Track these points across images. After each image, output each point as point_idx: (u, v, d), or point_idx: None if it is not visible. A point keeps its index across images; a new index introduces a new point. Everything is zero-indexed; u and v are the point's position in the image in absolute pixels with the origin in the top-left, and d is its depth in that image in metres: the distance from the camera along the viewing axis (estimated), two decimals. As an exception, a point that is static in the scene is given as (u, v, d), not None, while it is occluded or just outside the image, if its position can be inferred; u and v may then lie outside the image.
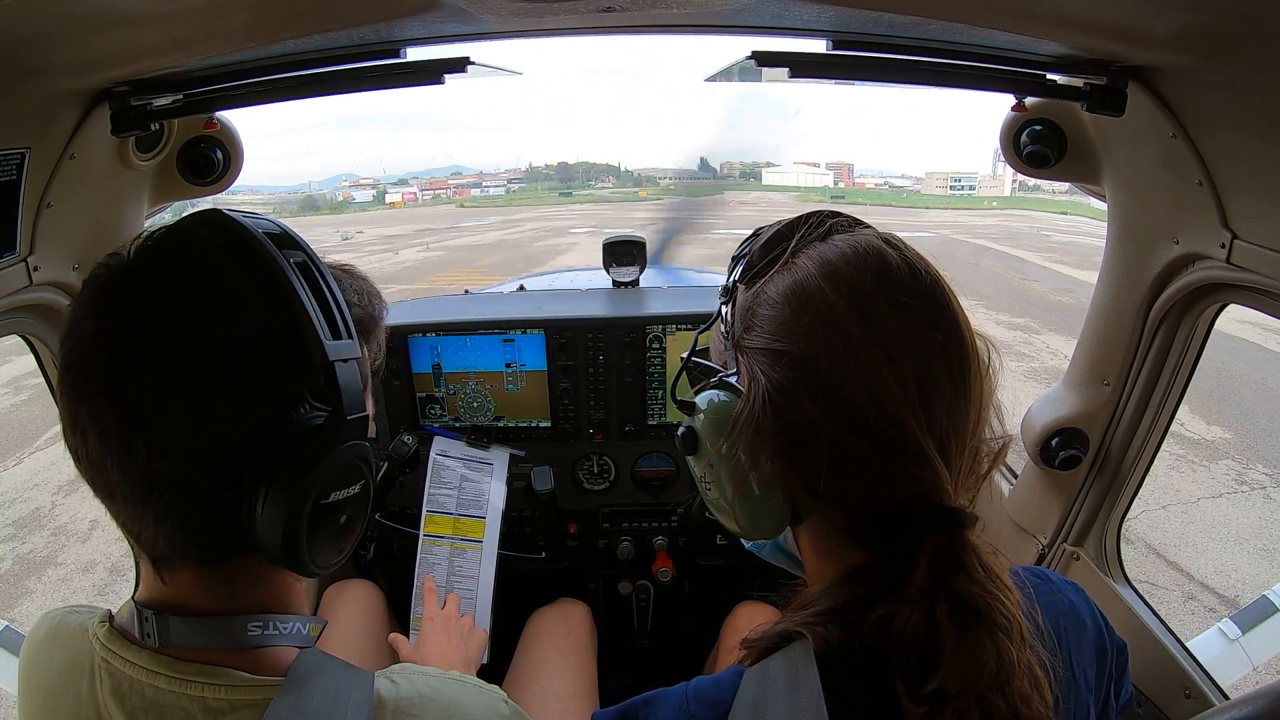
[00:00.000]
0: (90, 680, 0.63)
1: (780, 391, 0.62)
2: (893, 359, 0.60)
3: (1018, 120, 1.20)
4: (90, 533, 4.58)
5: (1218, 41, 0.80)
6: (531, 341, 1.73)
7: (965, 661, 0.56)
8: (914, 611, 0.58)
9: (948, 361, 0.62)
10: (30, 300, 1.10)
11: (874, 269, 0.63)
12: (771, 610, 1.57)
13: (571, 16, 0.96)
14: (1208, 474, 5.12)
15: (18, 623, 1.65)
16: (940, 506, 0.60)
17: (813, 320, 0.63)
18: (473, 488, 1.66)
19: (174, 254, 0.60)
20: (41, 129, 1.00)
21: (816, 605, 0.63)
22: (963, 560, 0.60)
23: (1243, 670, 1.60)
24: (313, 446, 0.59)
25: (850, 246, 0.65)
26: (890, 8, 0.84)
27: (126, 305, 0.57)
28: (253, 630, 0.63)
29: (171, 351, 0.56)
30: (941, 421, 0.61)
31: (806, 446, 0.61)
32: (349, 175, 57.72)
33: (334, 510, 0.62)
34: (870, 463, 0.61)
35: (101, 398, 0.56)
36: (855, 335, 0.61)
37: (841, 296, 0.62)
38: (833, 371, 0.61)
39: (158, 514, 0.58)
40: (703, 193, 50.59)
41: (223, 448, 0.57)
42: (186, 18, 0.84)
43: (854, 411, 0.60)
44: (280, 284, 0.59)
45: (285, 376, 0.59)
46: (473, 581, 1.55)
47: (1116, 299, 1.19)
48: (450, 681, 0.68)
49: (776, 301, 0.65)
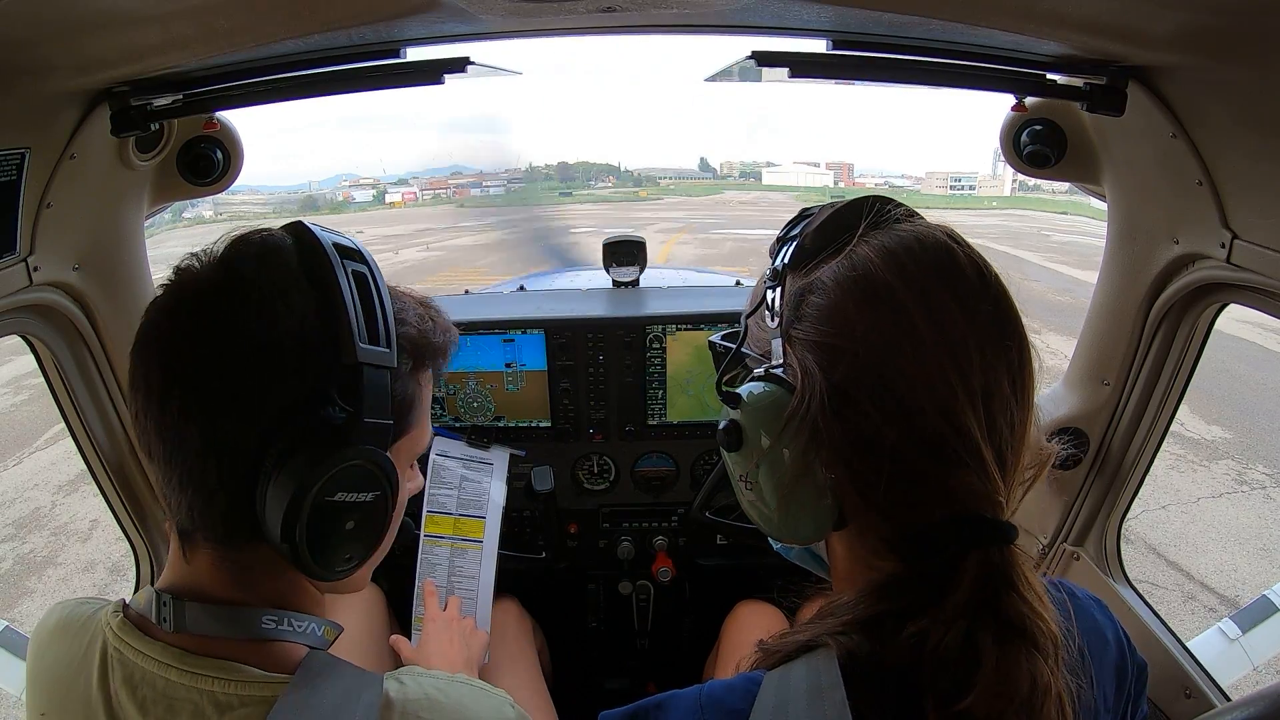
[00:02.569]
0: (102, 670, 0.64)
1: (839, 393, 0.58)
2: (962, 368, 0.57)
3: (1018, 120, 1.20)
4: (90, 533, 4.57)
5: (1218, 41, 0.80)
6: (531, 341, 1.73)
7: (1001, 683, 0.54)
8: (951, 629, 0.55)
9: (1011, 370, 0.59)
10: (30, 300, 1.10)
11: (943, 266, 0.60)
12: (772, 609, 1.59)
13: (571, 16, 0.96)
14: (1208, 474, 5.12)
15: (18, 623, 1.65)
16: (992, 520, 0.58)
17: (880, 318, 0.59)
18: (473, 488, 1.66)
19: (248, 245, 0.65)
20: (41, 129, 1.00)
21: (845, 615, 0.60)
22: (1010, 577, 0.57)
23: (1243, 670, 1.60)
24: (324, 442, 0.60)
25: (915, 239, 0.61)
26: (890, 8, 0.84)
27: (197, 284, 0.63)
28: (267, 623, 0.64)
29: (217, 329, 0.60)
30: (1003, 431, 0.58)
31: (866, 453, 0.58)
32: (349, 175, 57.67)
33: (339, 512, 0.62)
34: (931, 474, 0.58)
35: (158, 360, 0.61)
36: (927, 340, 0.57)
37: (911, 294, 0.58)
38: (901, 378, 0.57)
39: (182, 478, 0.61)
40: (702, 193, 50.52)
41: (245, 424, 0.60)
42: (186, 18, 0.84)
43: (921, 421, 0.57)
44: (328, 284, 0.63)
45: (314, 370, 0.62)
46: (473, 582, 1.55)
47: (1116, 299, 1.19)
48: (458, 684, 0.68)
49: (835, 291, 0.61)
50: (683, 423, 1.78)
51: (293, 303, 0.62)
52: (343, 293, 0.63)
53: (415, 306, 0.76)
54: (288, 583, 0.67)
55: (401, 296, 0.75)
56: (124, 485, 1.34)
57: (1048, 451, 0.65)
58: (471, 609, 1.53)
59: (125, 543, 1.43)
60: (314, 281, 0.63)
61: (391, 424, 0.66)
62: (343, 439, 0.61)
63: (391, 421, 0.66)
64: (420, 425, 0.76)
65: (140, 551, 1.42)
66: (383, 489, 0.65)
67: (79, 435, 1.30)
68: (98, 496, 1.37)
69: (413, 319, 0.74)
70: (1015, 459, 0.60)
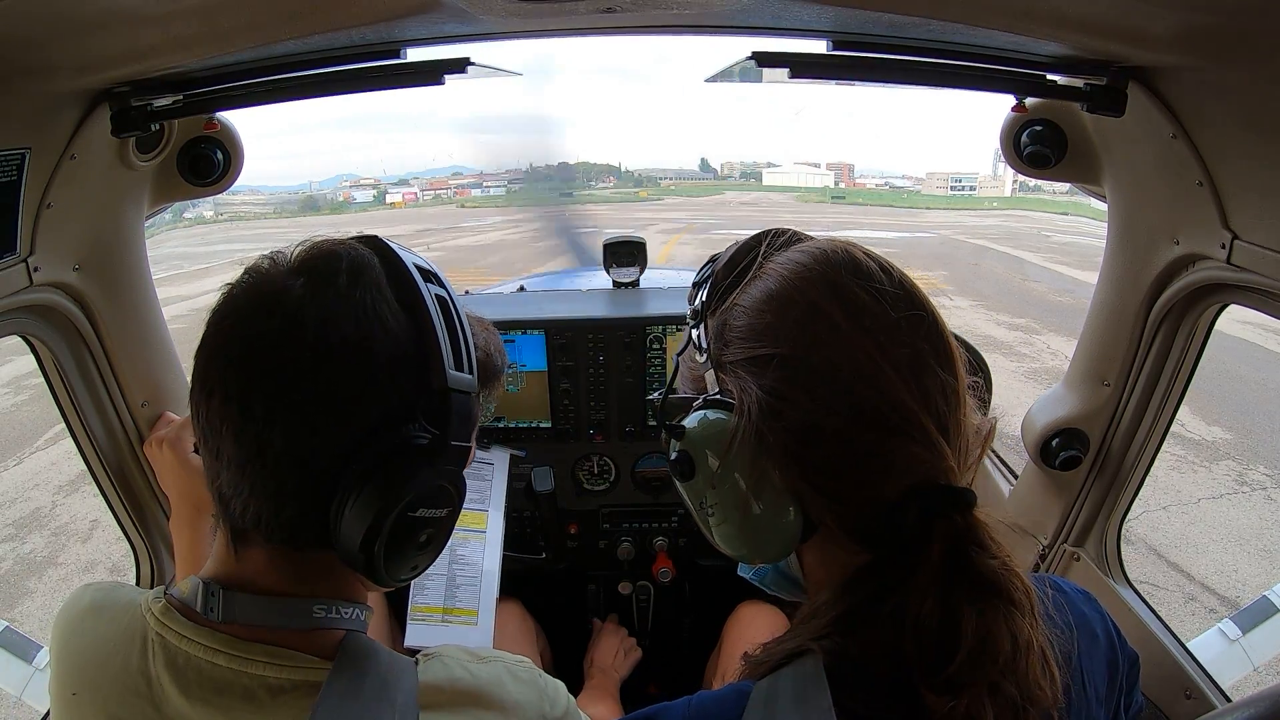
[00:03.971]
0: (142, 651, 0.65)
1: (775, 395, 0.61)
2: (882, 344, 0.60)
3: (1018, 121, 1.20)
4: (90, 533, 4.58)
5: (1218, 41, 0.80)
6: (532, 342, 1.73)
7: (982, 644, 0.56)
8: (928, 599, 0.57)
9: (933, 344, 0.63)
10: (30, 300, 1.10)
11: (846, 264, 0.64)
12: (773, 610, 1.59)
13: (571, 17, 0.96)
14: (1208, 474, 5.12)
15: (18, 623, 1.65)
16: (950, 487, 0.60)
17: (797, 317, 0.63)
18: (474, 485, 1.66)
19: (336, 258, 0.65)
20: (41, 129, 1.00)
21: (823, 615, 0.62)
22: (977, 536, 0.60)
23: (1243, 671, 1.60)
24: (413, 460, 0.62)
25: (818, 248, 0.67)
26: (890, 8, 0.84)
27: (285, 293, 0.62)
28: (318, 612, 0.65)
29: (313, 340, 0.60)
30: (937, 402, 0.61)
31: (812, 444, 0.61)
32: (349, 175, 57.72)
33: (417, 526, 0.65)
34: (878, 450, 0.60)
35: (238, 364, 0.61)
36: (842, 325, 0.61)
37: (821, 291, 0.63)
38: (826, 364, 0.61)
39: (254, 484, 0.61)
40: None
41: (334, 439, 0.61)
42: (187, 18, 0.84)
43: (855, 399, 0.60)
44: (418, 306, 0.65)
45: (405, 392, 0.63)
46: (475, 569, 1.54)
47: (1117, 299, 1.19)
48: (492, 663, 0.71)
49: (753, 309, 0.65)
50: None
51: (387, 323, 0.63)
52: (432, 317, 0.65)
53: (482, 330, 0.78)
54: (338, 579, 0.68)
55: (472, 321, 0.77)
56: (124, 485, 1.34)
57: (986, 424, 0.67)
58: (474, 597, 1.53)
59: (125, 543, 1.43)
60: (403, 303, 0.65)
61: (471, 446, 0.70)
62: (430, 459, 0.63)
63: (471, 445, 0.70)
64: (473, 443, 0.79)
65: (140, 551, 1.42)
66: (454, 505, 0.68)
67: (79, 435, 1.30)
68: (98, 496, 1.37)
69: (480, 343, 0.77)
70: (957, 426, 0.63)
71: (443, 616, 1.50)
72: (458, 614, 1.49)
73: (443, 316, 0.66)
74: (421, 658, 0.68)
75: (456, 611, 1.49)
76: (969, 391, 0.65)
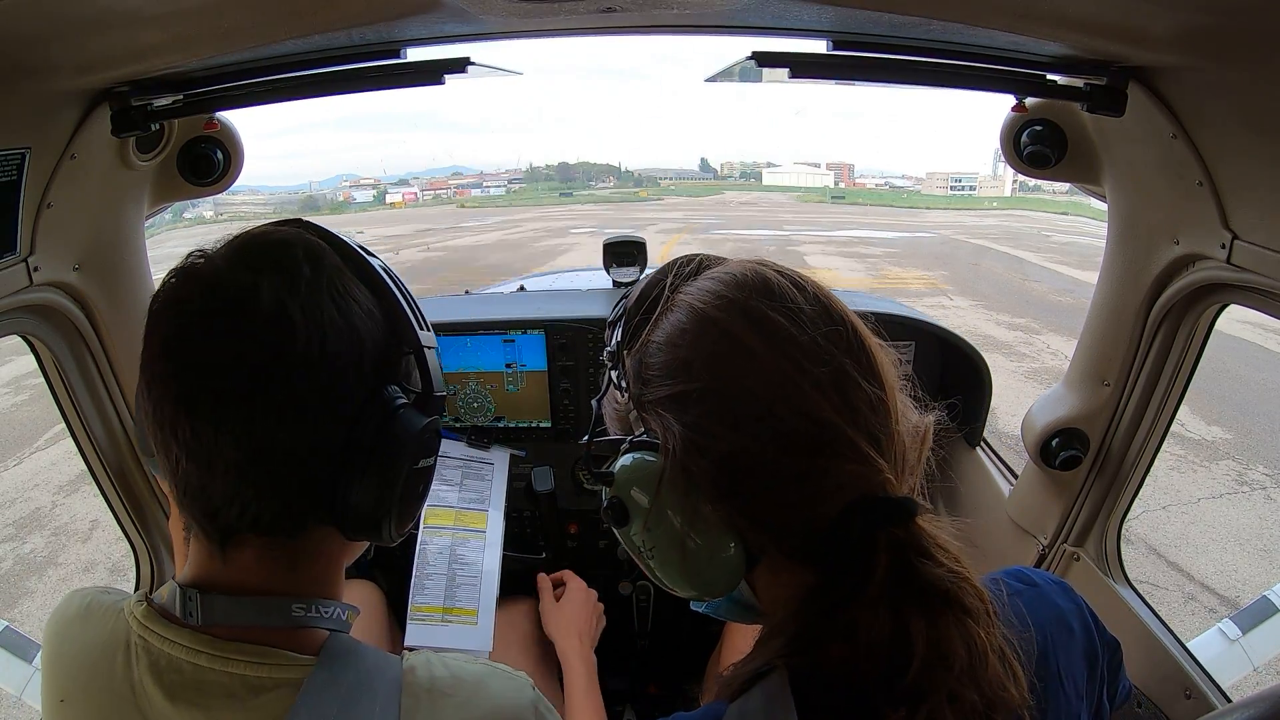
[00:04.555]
0: (126, 657, 0.65)
1: (697, 430, 0.60)
2: (801, 365, 0.59)
3: (1018, 121, 1.20)
4: (90, 533, 4.58)
5: (1218, 41, 0.80)
6: (532, 342, 1.73)
7: (936, 655, 0.55)
8: (879, 612, 0.56)
9: (854, 356, 0.62)
10: (30, 300, 1.10)
11: (757, 286, 0.63)
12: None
13: (571, 16, 0.96)
14: (1208, 474, 5.12)
15: (18, 622, 1.65)
16: (887, 498, 0.59)
17: (710, 348, 0.61)
18: (475, 485, 1.66)
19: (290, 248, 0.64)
20: (41, 129, 1.00)
21: (779, 636, 0.61)
22: (921, 545, 0.58)
23: (1243, 671, 1.60)
24: (407, 418, 0.65)
25: (726, 273, 0.65)
26: (890, 8, 0.84)
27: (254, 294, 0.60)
28: (298, 611, 0.65)
29: (305, 340, 0.60)
30: (865, 415, 0.60)
31: (741, 476, 0.60)
32: (349, 175, 57.78)
33: (419, 477, 0.68)
34: (808, 473, 0.59)
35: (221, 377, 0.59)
36: (758, 350, 0.60)
37: (733, 317, 0.61)
38: (745, 392, 0.60)
39: (258, 486, 0.60)
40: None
41: (336, 424, 0.62)
42: (187, 18, 0.84)
43: (778, 424, 0.59)
44: (379, 282, 0.67)
45: (387, 359, 0.66)
46: (475, 569, 1.54)
47: (1117, 299, 1.19)
48: (480, 665, 0.70)
49: (667, 345, 0.64)
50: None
51: (361, 303, 0.64)
52: (390, 287, 0.68)
53: None
54: (323, 566, 0.69)
55: None
56: (124, 485, 1.34)
57: (924, 424, 0.66)
58: (473, 598, 1.53)
59: (125, 543, 1.43)
60: (364, 280, 0.66)
61: (446, 394, 0.75)
62: (423, 412, 0.67)
63: (445, 393, 0.73)
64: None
65: (140, 552, 1.42)
66: (436, 449, 0.72)
67: (79, 435, 1.30)
68: (98, 496, 1.37)
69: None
70: (889, 437, 0.61)
71: (442, 616, 1.50)
72: (457, 614, 1.49)
73: (395, 284, 0.69)
74: (407, 655, 0.68)
75: (456, 611, 1.49)
76: (902, 392, 0.64)
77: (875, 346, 0.64)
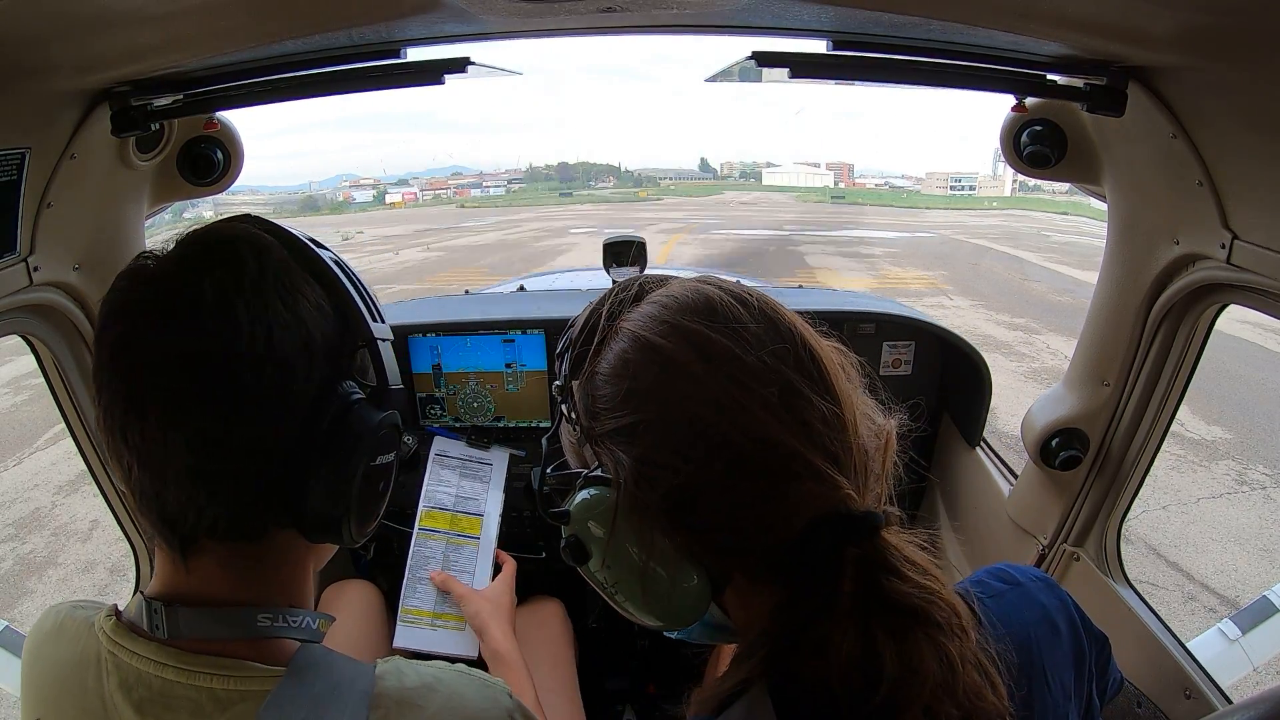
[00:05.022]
0: (97, 673, 0.64)
1: (647, 463, 0.59)
2: (747, 386, 0.57)
3: (1018, 120, 1.20)
4: (90, 533, 4.57)
5: (1218, 41, 0.80)
6: (532, 342, 1.73)
7: (907, 673, 0.54)
8: (848, 629, 0.55)
9: (805, 371, 0.60)
10: (30, 300, 1.10)
11: (697, 308, 0.61)
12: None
13: (571, 16, 0.96)
14: (1208, 474, 5.12)
15: (18, 622, 1.65)
16: (850, 514, 0.57)
17: (654, 377, 0.60)
18: (472, 487, 1.66)
19: (234, 246, 0.63)
20: (41, 129, 1.00)
21: (754, 653, 0.60)
22: (887, 562, 0.57)
23: (1243, 671, 1.60)
24: (363, 414, 0.64)
25: (668, 297, 0.64)
26: (890, 8, 0.84)
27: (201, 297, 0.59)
28: (263, 621, 0.64)
29: (250, 342, 0.59)
30: (820, 432, 0.58)
31: (696, 505, 0.58)
32: (349, 175, 57.80)
33: (377, 475, 0.67)
34: (765, 497, 0.58)
35: (171, 381, 0.58)
36: (701, 375, 0.58)
37: (675, 343, 0.60)
38: (692, 419, 0.58)
39: (213, 490, 0.60)
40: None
41: (290, 425, 0.60)
42: (187, 18, 0.84)
43: (728, 450, 0.57)
44: (329, 276, 0.66)
45: (339, 354, 0.65)
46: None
47: (1117, 299, 1.19)
48: (455, 673, 0.69)
49: (611, 376, 0.62)
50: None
51: (310, 299, 0.63)
52: (340, 279, 0.67)
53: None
54: (289, 572, 0.67)
55: None
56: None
57: (885, 429, 0.64)
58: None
59: (125, 543, 1.43)
60: (313, 274, 0.65)
61: (403, 387, 0.72)
62: (378, 408, 0.66)
63: (402, 386, 0.71)
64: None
65: (140, 552, 1.42)
66: (397, 445, 0.70)
67: (79, 435, 1.30)
68: (98, 497, 1.37)
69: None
70: (847, 452, 0.59)
71: (432, 621, 1.50)
72: (446, 619, 1.49)
73: (346, 277, 0.68)
74: (380, 662, 0.67)
75: (446, 617, 1.50)
76: (863, 396, 0.63)
77: (828, 358, 0.62)
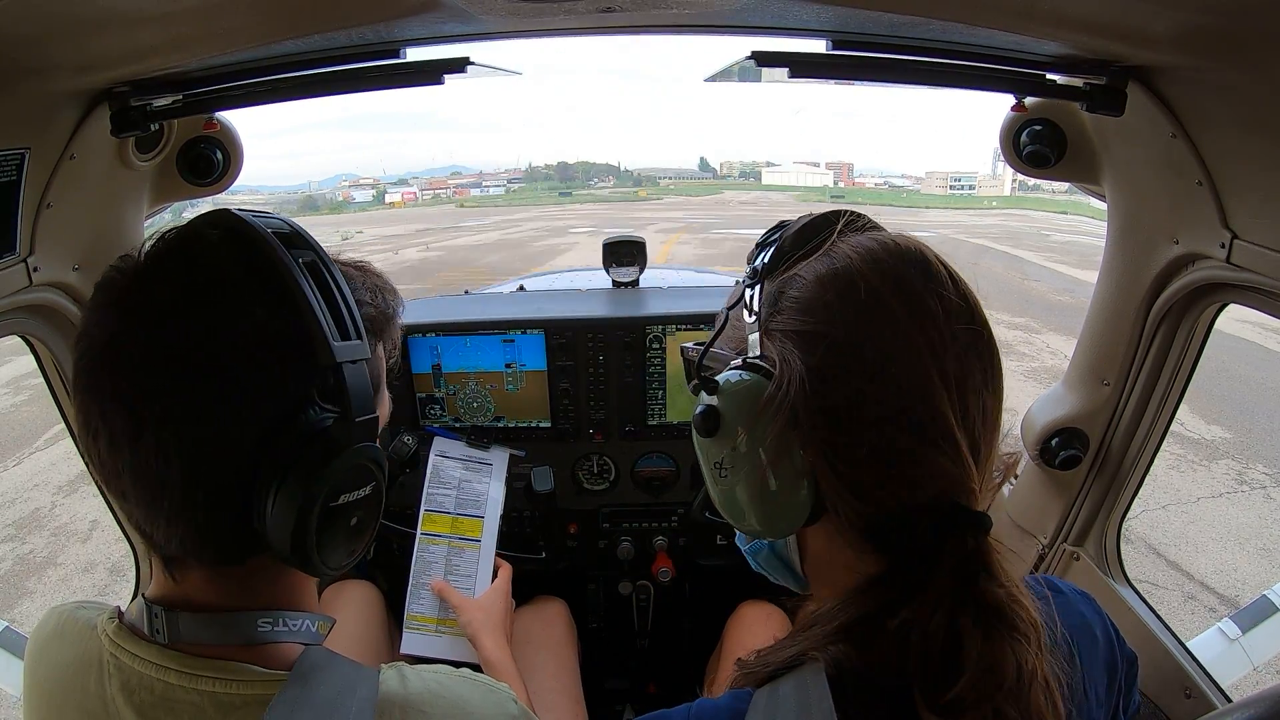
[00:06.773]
0: (99, 676, 0.63)
1: (818, 375, 0.59)
2: (936, 351, 0.59)
3: (1018, 120, 1.20)
4: (90, 533, 4.57)
5: (1218, 41, 0.80)
6: (531, 342, 1.73)
7: (987, 669, 0.55)
8: (935, 617, 0.56)
9: (982, 360, 0.61)
10: (30, 300, 1.10)
11: (918, 263, 0.63)
12: (775, 610, 1.59)
13: (571, 16, 0.96)
14: (1208, 474, 5.12)
15: (18, 623, 1.65)
16: (968, 509, 0.59)
17: (858, 303, 0.60)
18: (472, 488, 1.66)
19: (180, 255, 0.60)
20: (41, 129, 1.00)
21: (829, 622, 0.61)
22: (989, 564, 0.58)
23: (1243, 670, 1.60)
24: (321, 449, 0.59)
25: (892, 240, 0.65)
26: (890, 8, 0.84)
27: (135, 308, 0.58)
28: (263, 626, 0.63)
29: (177, 353, 0.56)
30: (975, 419, 0.60)
31: (844, 432, 0.59)
32: (349, 175, 57.81)
33: (344, 512, 0.62)
34: (906, 455, 0.59)
35: (112, 400, 0.56)
36: (902, 322, 0.59)
37: (888, 283, 0.61)
38: (878, 357, 0.59)
39: (169, 516, 0.58)
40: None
41: (231, 449, 0.57)
42: (187, 18, 0.84)
43: (898, 399, 0.58)
44: (286, 284, 0.59)
45: (291, 378, 0.59)
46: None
47: (1116, 299, 1.19)
48: (460, 679, 0.68)
49: (813, 284, 0.63)
50: (683, 423, 1.78)
51: (255, 315, 0.58)
52: (304, 291, 0.59)
53: (361, 279, 0.74)
54: (284, 585, 0.67)
55: (349, 274, 0.72)
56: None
57: (1014, 456, 0.66)
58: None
59: (125, 543, 1.43)
60: (269, 284, 0.59)
61: (378, 417, 0.65)
62: (337, 443, 0.60)
63: (377, 414, 0.65)
64: (384, 397, 0.76)
65: (140, 552, 1.42)
66: (377, 479, 0.64)
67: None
68: (97, 497, 1.37)
69: (366, 296, 0.73)
70: (988, 449, 0.62)
71: (436, 627, 1.50)
72: (449, 625, 1.49)
73: (315, 284, 0.61)
74: (385, 668, 0.66)
75: (449, 623, 1.50)
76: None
77: (999, 360, 0.63)
